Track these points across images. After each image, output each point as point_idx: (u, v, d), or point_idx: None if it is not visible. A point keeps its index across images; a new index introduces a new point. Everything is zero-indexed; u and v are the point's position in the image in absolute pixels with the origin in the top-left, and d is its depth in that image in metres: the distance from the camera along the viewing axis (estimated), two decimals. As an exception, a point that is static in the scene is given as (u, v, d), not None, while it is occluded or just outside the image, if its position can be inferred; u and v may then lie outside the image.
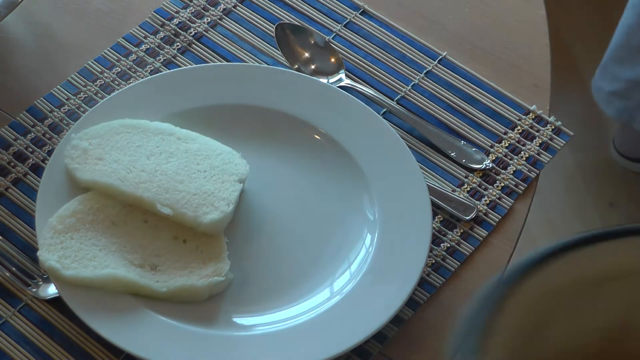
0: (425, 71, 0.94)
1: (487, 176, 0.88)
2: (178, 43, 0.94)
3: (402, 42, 0.96)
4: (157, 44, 0.94)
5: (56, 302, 0.78)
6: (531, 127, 0.91)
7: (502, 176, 0.88)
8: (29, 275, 0.79)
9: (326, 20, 0.97)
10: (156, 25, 0.96)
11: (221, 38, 0.95)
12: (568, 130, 0.92)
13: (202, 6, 0.97)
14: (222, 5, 0.97)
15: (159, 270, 0.77)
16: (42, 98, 0.90)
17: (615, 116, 1.77)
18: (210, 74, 0.87)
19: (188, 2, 0.97)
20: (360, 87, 0.91)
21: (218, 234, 0.79)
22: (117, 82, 0.91)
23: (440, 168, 0.88)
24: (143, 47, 0.94)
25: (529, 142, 0.90)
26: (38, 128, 0.88)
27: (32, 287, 0.78)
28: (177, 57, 0.93)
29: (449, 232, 0.84)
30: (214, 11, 0.97)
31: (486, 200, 0.86)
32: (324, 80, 0.91)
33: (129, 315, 0.74)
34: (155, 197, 0.78)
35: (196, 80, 0.87)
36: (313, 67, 0.93)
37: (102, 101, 0.86)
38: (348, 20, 0.97)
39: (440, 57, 0.95)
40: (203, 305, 0.77)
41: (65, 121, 0.89)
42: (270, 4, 0.97)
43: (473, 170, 0.88)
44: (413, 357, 0.78)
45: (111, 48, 0.94)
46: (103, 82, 0.91)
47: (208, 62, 0.93)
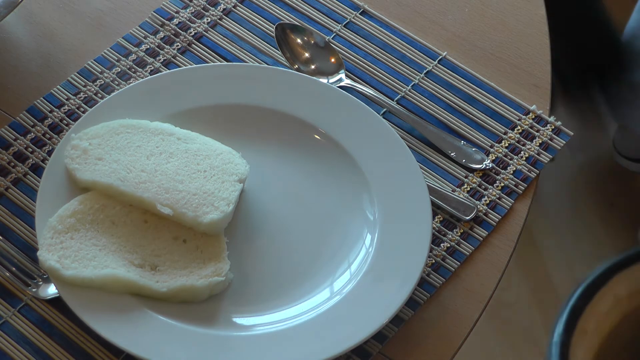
0: (425, 71, 0.94)
1: (487, 176, 0.88)
2: (178, 43, 0.94)
3: (402, 42, 0.96)
4: (157, 44, 0.94)
5: (56, 302, 0.78)
6: (531, 127, 0.91)
7: (502, 176, 0.88)
8: (29, 275, 0.79)
9: (326, 20, 0.97)
10: (156, 25, 0.96)
11: (221, 38, 0.95)
12: (568, 130, 0.92)
13: (202, 6, 0.97)
14: (222, 5, 0.97)
15: (159, 270, 0.77)
16: (42, 98, 0.90)
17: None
18: (210, 74, 0.87)
19: (188, 2, 0.97)
20: (360, 87, 0.91)
21: (218, 234, 0.79)
22: (117, 82, 0.91)
23: (440, 168, 0.88)
24: (143, 47, 0.94)
25: (529, 142, 0.90)
26: (38, 128, 0.88)
27: (32, 287, 0.78)
28: (177, 57, 0.93)
29: (449, 232, 0.84)
30: (214, 11, 0.97)
31: (486, 200, 0.86)
32: (324, 80, 0.91)
33: (129, 315, 0.74)
34: (155, 197, 0.78)
35: (196, 80, 0.87)
36: (313, 67, 0.93)
37: (102, 101, 0.86)
38: (348, 20, 0.97)
39: (440, 57, 0.95)
40: (203, 305, 0.77)
41: (65, 121, 0.89)
42: (270, 4, 0.97)
43: (473, 170, 0.88)
44: (413, 357, 0.78)
45: (111, 48, 0.94)
46: (103, 82, 0.91)
47: (208, 62, 0.93)
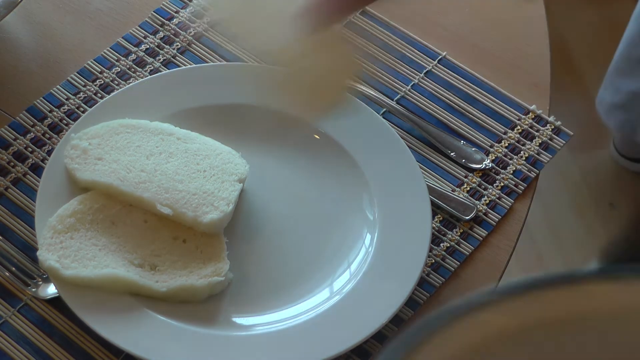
0: (425, 71, 0.94)
1: (487, 176, 0.88)
2: (178, 43, 0.94)
3: (402, 42, 0.96)
4: (157, 44, 0.94)
5: (56, 302, 0.78)
6: (531, 127, 0.91)
7: (502, 176, 0.88)
8: (29, 275, 0.79)
9: (326, 20, 0.97)
10: (156, 25, 0.96)
11: (221, 38, 0.95)
12: (568, 130, 0.92)
13: (202, 6, 0.97)
14: (222, 5, 0.97)
15: (159, 270, 0.77)
16: (42, 98, 0.90)
17: (616, 128, 1.78)
18: (209, 74, 0.87)
19: (188, 2, 0.97)
20: (360, 87, 0.91)
21: (218, 234, 0.79)
22: (117, 82, 0.91)
23: (440, 168, 0.88)
24: (143, 47, 0.94)
25: (529, 142, 0.90)
26: (38, 128, 0.88)
27: (32, 287, 0.78)
28: (177, 57, 0.93)
29: (449, 232, 0.84)
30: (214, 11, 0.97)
31: (486, 200, 0.86)
32: (324, 80, 0.91)
33: (129, 315, 0.74)
34: (155, 197, 0.78)
35: (196, 80, 0.87)
36: (313, 67, 0.93)
37: (102, 101, 0.86)
38: (348, 20, 0.97)
39: (440, 57, 0.95)
40: (203, 305, 0.77)
41: (65, 121, 0.89)
42: (270, 4, 0.97)
43: (473, 170, 0.88)
44: (413, 357, 0.78)
45: (111, 48, 0.94)
46: (103, 82, 0.91)
47: (208, 62, 0.93)
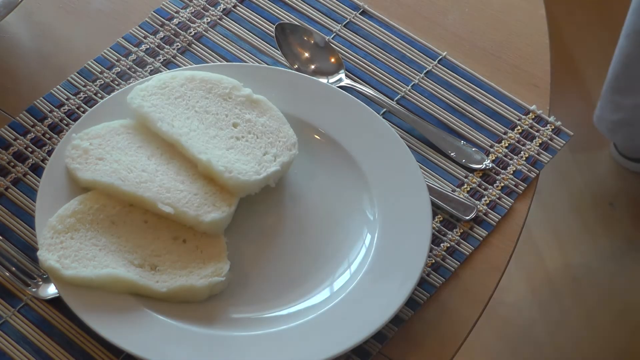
0: (425, 71, 0.94)
1: (487, 176, 0.88)
2: (178, 43, 0.94)
3: (402, 42, 0.96)
4: (157, 44, 0.94)
5: (56, 302, 0.78)
6: (531, 127, 0.91)
7: (502, 176, 0.88)
8: (29, 275, 0.79)
9: (326, 20, 0.97)
10: (156, 25, 0.96)
11: (221, 38, 0.95)
12: (568, 130, 0.92)
13: (202, 6, 0.97)
14: (222, 5, 0.97)
15: (159, 270, 0.77)
16: (42, 98, 0.90)
17: (624, 144, 1.80)
18: (210, 74, 0.87)
19: (188, 2, 0.97)
20: (360, 87, 0.91)
21: (218, 234, 0.79)
22: (117, 82, 0.91)
23: (440, 168, 0.88)
24: (143, 47, 0.94)
25: (529, 142, 0.90)
26: (38, 128, 0.88)
27: (32, 287, 0.78)
28: (177, 57, 0.93)
29: (449, 232, 0.84)
30: (214, 11, 0.97)
31: (486, 200, 0.86)
32: (324, 80, 0.91)
33: (129, 315, 0.74)
34: (156, 197, 0.78)
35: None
36: (313, 67, 0.93)
37: (102, 101, 0.86)
38: (348, 20, 0.97)
39: (440, 57, 0.95)
40: (203, 305, 0.77)
41: (65, 121, 0.89)
42: (270, 4, 0.97)
43: (473, 170, 0.88)
44: (413, 357, 0.78)
45: (111, 48, 0.94)
46: (103, 82, 0.91)
47: (208, 62, 0.93)
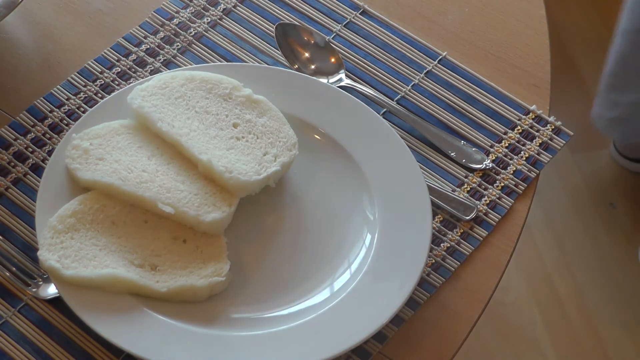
0: (425, 71, 0.94)
1: (487, 176, 0.88)
2: (178, 43, 0.94)
3: (402, 42, 0.96)
4: (157, 44, 0.94)
5: (56, 302, 0.78)
6: (531, 127, 0.91)
7: (502, 176, 0.88)
8: (29, 275, 0.79)
9: (326, 20, 0.97)
10: (156, 25, 0.96)
11: (221, 38, 0.95)
12: (568, 130, 0.92)
13: (202, 6, 0.97)
14: (222, 5, 0.97)
15: (159, 270, 0.77)
16: (42, 98, 0.90)
17: (622, 141, 1.80)
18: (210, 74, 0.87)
19: (188, 2, 0.97)
20: (360, 87, 0.91)
21: (218, 234, 0.79)
22: (117, 82, 0.91)
23: (440, 168, 0.88)
24: (143, 47, 0.94)
25: (529, 142, 0.90)
26: (38, 128, 0.88)
27: (32, 287, 0.78)
28: (177, 57, 0.93)
29: (449, 232, 0.84)
30: (214, 11, 0.97)
31: (486, 200, 0.86)
32: (324, 80, 0.91)
33: (129, 315, 0.74)
34: (156, 197, 0.78)
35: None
36: (313, 67, 0.93)
37: (102, 101, 0.86)
38: (348, 20, 0.97)
39: (440, 57, 0.95)
40: (203, 305, 0.77)
41: (65, 121, 0.89)
42: (270, 4, 0.97)
43: (473, 170, 0.88)
44: (413, 357, 0.78)
45: (111, 48, 0.94)
46: (103, 82, 0.91)
47: (208, 62, 0.93)
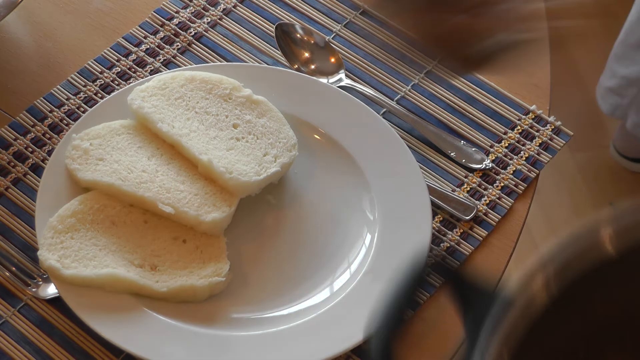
0: (425, 71, 0.94)
1: (487, 176, 0.88)
2: (178, 43, 0.94)
3: (402, 42, 0.96)
4: (157, 44, 0.94)
5: (56, 302, 0.78)
6: (531, 127, 0.91)
7: (502, 176, 0.88)
8: (29, 275, 0.79)
9: (326, 20, 0.97)
10: (156, 25, 0.96)
11: (221, 38, 0.95)
12: (568, 130, 0.92)
13: (202, 6, 0.97)
14: (222, 5, 0.97)
15: (159, 270, 0.77)
16: (42, 98, 0.90)
17: (608, 112, 1.76)
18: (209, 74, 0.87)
19: (188, 2, 0.97)
20: (360, 87, 0.91)
21: (218, 234, 0.79)
22: (117, 82, 0.91)
23: (440, 168, 0.88)
24: (143, 47, 0.94)
25: (529, 142, 0.90)
26: (38, 128, 0.88)
27: (32, 287, 0.78)
28: (177, 57, 0.93)
29: (449, 232, 0.84)
30: (214, 11, 0.97)
31: (486, 200, 0.86)
32: (324, 80, 0.91)
33: (129, 315, 0.75)
34: (156, 197, 0.78)
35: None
36: (313, 67, 0.93)
37: (102, 101, 0.86)
38: (348, 20, 0.97)
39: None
40: (203, 305, 0.77)
41: (65, 121, 0.89)
42: (270, 4, 0.97)
43: (473, 170, 0.88)
44: (413, 357, 0.78)
45: (111, 48, 0.94)
46: (103, 82, 0.91)
47: (208, 62, 0.93)
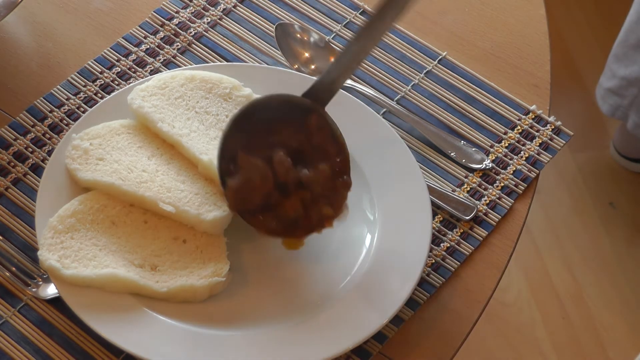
0: (425, 71, 0.94)
1: (487, 176, 0.88)
2: (178, 43, 0.94)
3: (402, 42, 0.96)
4: (157, 44, 0.94)
5: (56, 302, 0.78)
6: (531, 127, 0.91)
7: (502, 176, 0.88)
8: (29, 275, 0.79)
9: (326, 20, 0.97)
10: (156, 25, 0.96)
11: (221, 38, 0.95)
12: (568, 130, 0.92)
13: (202, 6, 0.97)
14: (222, 5, 0.97)
15: (159, 270, 0.77)
16: (42, 98, 0.90)
17: (609, 113, 1.76)
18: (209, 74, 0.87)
19: (188, 2, 0.97)
20: (360, 87, 0.91)
21: (219, 234, 0.79)
22: (117, 82, 0.91)
23: (440, 168, 0.88)
24: (143, 47, 0.94)
25: (529, 142, 0.90)
26: (38, 128, 0.88)
27: (32, 287, 0.78)
28: (177, 57, 0.93)
29: (449, 232, 0.84)
30: (214, 11, 0.97)
31: (486, 200, 0.86)
32: (324, 80, 0.91)
33: (129, 315, 0.74)
34: (157, 196, 0.78)
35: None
36: (313, 67, 0.93)
37: (102, 101, 0.86)
38: (348, 20, 0.97)
39: (440, 57, 0.95)
40: (203, 305, 0.77)
41: (65, 121, 0.89)
42: (270, 4, 0.97)
43: (473, 170, 0.88)
44: (413, 357, 0.78)
45: (111, 48, 0.94)
46: (103, 82, 0.91)
47: (208, 62, 0.93)
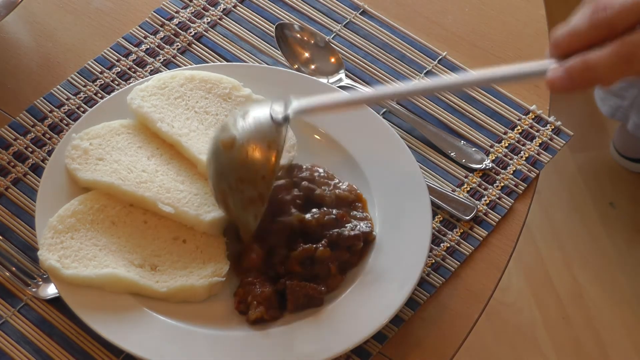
0: (425, 71, 0.94)
1: (487, 176, 0.88)
2: (178, 43, 0.94)
3: (402, 42, 0.96)
4: (157, 44, 0.94)
5: (56, 302, 0.78)
6: (531, 127, 0.91)
7: (502, 176, 0.88)
8: (29, 275, 0.79)
9: (326, 20, 0.97)
10: (156, 25, 0.96)
11: (221, 38, 0.95)
12: (568, 130, 0.92)
13: (202, 6, 0.97)
14: (222, 5, 0.97)
15: (159, 270, 0.77)
16: (42, 98, 0.90)
17: (609, 114, 1.76)
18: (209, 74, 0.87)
19: (188, 2, 0.97)
20: (360, 87, 0.91)
21: (218, 234, 0.79)
22: (117, 82, 0.91)
23: (440, 168, 0.88)
24: (143, 47, 0.94)
25: (529, 142, 0.90)
26: (38, 128, 0.88)
27: (32, 287, 0.78)
28: (177, 57, 0.93)
29: (449, 232, 0.84)
30: (214, 11, 0.97)
31: (486, 200, 0.86)
32: (324, 80, 0.91)
33: (129, 315, 0.74)
34: (156, 196, 0.78)
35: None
36: (313, 67, 0.93)
37: (102, 101, 0.86)
38: (348, 20, 0.97)
39: (440, 57, 0.95)
40: (203, 305, 0.77)
41: (65, 121, 0.89)
42: (270, 4, 0.97)
43: (473, 170, 0.88)
44: (413, 357, 0.78)
45: (111, 48, 0.94)
46: (103, 82, 0.91)
47: (208, 62, 0.93)
